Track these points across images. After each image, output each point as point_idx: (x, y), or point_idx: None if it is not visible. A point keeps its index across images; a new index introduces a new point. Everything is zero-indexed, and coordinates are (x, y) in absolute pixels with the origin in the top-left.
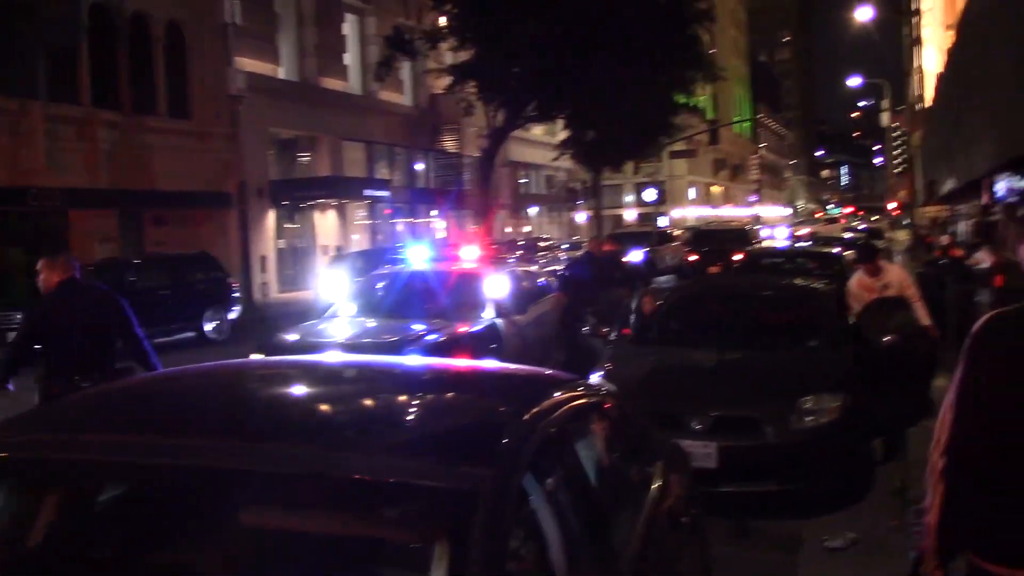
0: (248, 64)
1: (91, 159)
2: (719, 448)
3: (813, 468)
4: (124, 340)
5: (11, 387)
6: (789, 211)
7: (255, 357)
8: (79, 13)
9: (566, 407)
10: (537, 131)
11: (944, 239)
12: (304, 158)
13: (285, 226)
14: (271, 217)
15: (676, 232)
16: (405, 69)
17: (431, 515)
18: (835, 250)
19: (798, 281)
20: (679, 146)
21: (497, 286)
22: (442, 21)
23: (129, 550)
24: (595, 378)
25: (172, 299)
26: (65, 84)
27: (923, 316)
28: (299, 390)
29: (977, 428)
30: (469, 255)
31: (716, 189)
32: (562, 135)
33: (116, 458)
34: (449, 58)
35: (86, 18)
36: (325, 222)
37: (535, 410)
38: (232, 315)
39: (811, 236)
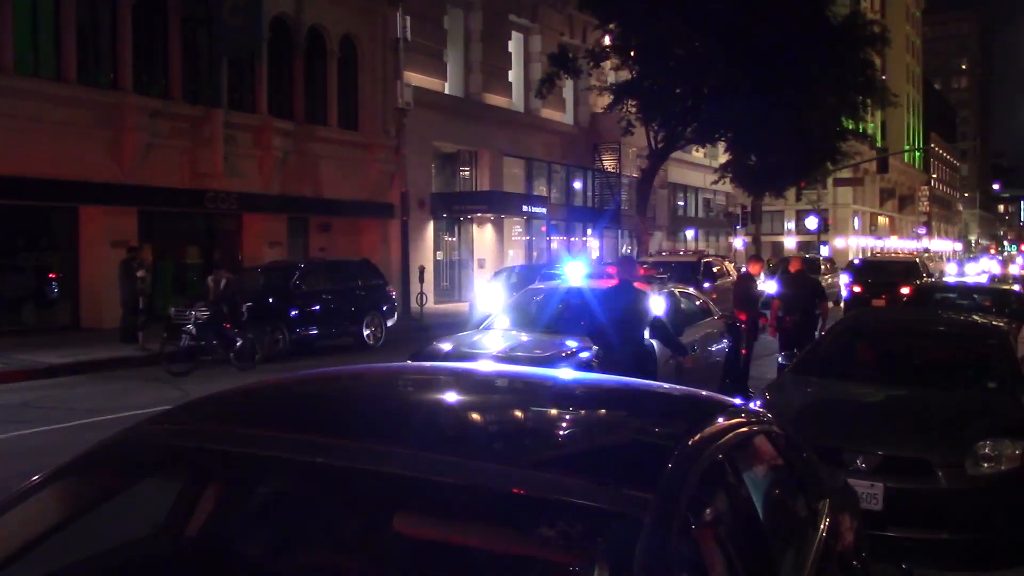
0: (415, 79)
1: (265, 166)
2: (885, 489)
3: (990, 518)
4: None
5: None
6: (960, 246)
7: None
8: (260, 24)
9: (733, 433)
10: (697, 154)
11: None
12: (465, 172)
13: (444, 238)
14: (430, 229)
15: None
16: (567, 88)
17: (590, 537)
18: (1016, 287)
19: (976, 318)
20: (845, 174)
21: (653, 307)
22: (606, 40)
23: (278, 548)
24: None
25: (333, 303)
26: (244, 93)
27: None
28: (456, 398)
29: None
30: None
31: (882, 220)
32: (723, 158)
33: (271, 453)
34: (612, 78)
35: (266, 29)
36: (482, 236)
37: (701, 434)
38: (390, 322)
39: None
